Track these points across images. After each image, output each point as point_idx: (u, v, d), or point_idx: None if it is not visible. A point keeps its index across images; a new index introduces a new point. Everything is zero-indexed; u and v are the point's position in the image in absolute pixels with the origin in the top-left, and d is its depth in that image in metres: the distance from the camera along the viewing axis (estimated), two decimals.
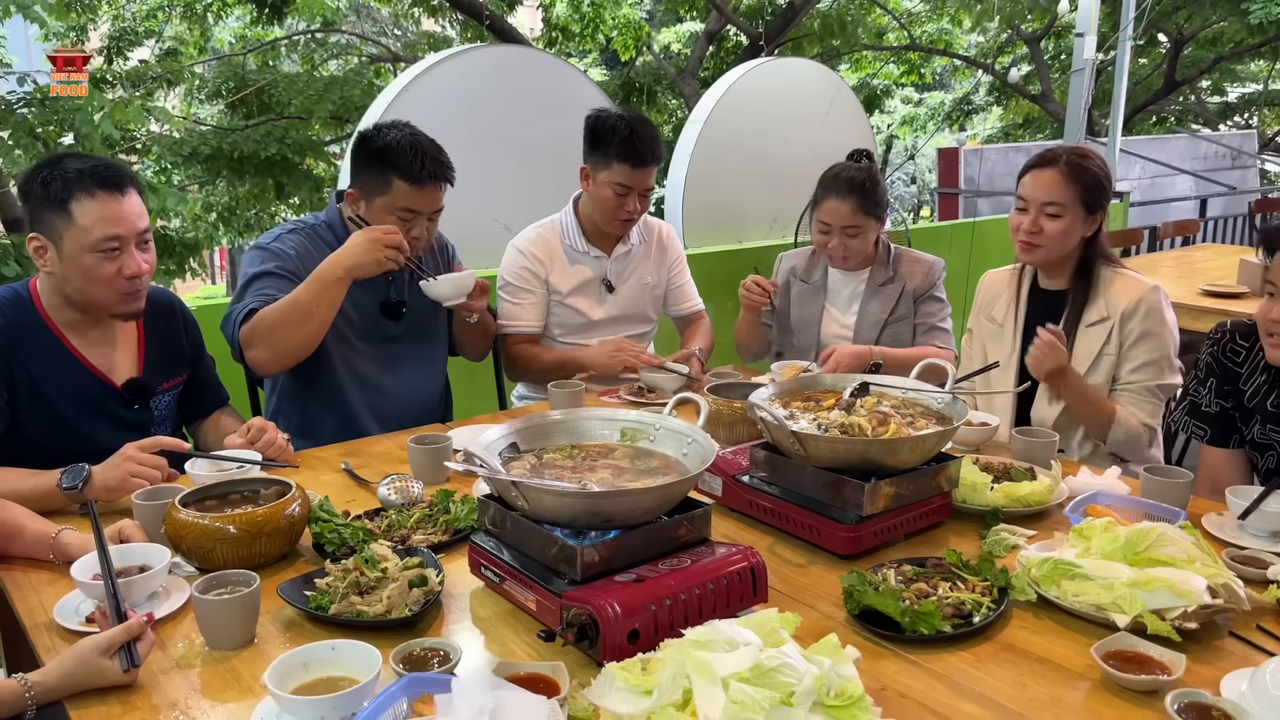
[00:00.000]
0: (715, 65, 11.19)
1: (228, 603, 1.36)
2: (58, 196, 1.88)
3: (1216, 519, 1.78)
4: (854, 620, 1.44)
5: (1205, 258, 5.25)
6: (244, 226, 10.41)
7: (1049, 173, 2.28)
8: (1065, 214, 2.27)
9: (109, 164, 1.95)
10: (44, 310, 1.99)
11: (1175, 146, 11.71)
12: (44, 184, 1.90)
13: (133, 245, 1.94)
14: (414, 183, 2.29)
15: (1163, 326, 2.28)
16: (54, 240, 1.91)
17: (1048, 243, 2.29)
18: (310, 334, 2.21)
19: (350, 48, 11.36)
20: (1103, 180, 2.29)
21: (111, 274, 1.92)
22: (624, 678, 1.14)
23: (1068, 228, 2.28)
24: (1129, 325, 2.28)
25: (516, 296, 2.78)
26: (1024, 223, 2.30)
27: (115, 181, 1.92)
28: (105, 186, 1.90)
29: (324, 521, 1.65)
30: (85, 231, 1.89)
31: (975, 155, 10.22)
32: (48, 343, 1.98)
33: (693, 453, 1.55)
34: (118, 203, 1.91)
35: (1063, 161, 2.27)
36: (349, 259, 2.18)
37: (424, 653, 1.29)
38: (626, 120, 2.65)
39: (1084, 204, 2.27)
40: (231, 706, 1.24)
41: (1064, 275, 2.37)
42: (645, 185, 2.68)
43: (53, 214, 1.90)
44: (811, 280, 2.83)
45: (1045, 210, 2.28)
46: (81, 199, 1.89)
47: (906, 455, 1.66)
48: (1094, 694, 1.27)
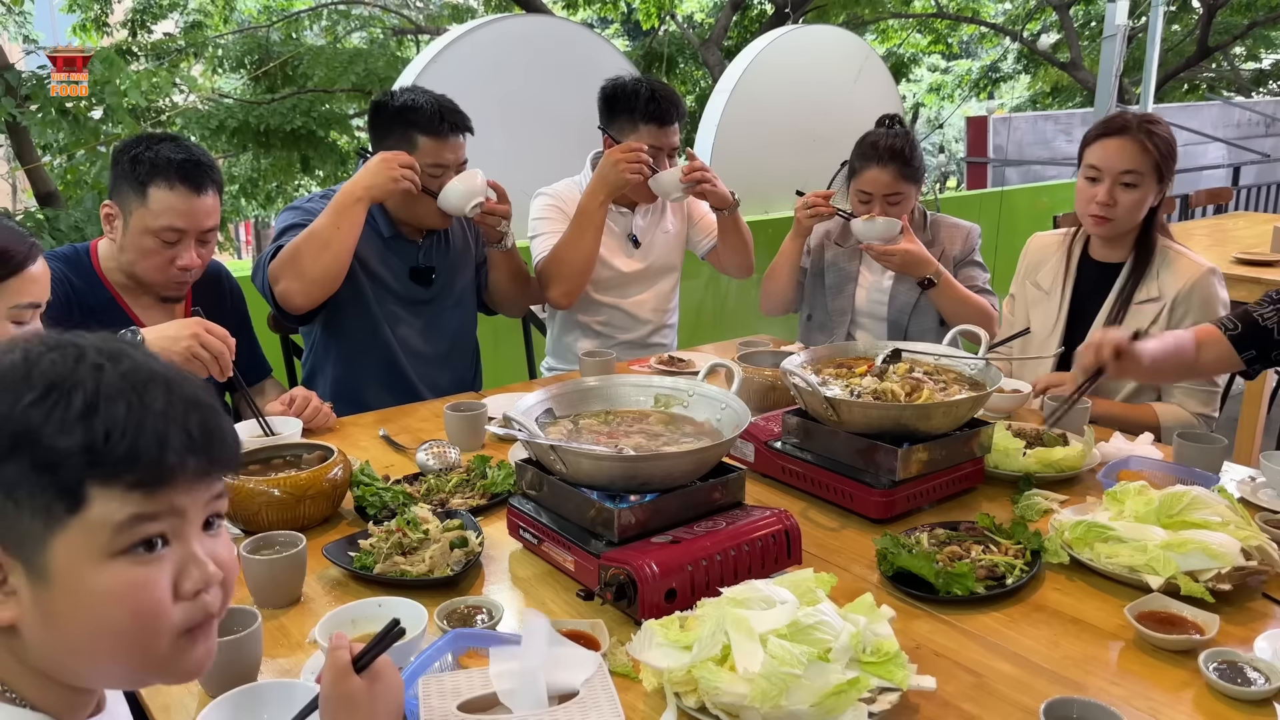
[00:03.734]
0: (739, 34, 11.09)
1: (275, 562, 1.40)
2: (140, 178, 1.96)
3: (1250, 483, 1.78)
4: (887, 582, 1.45)
5: (1238, 226, 5.18)
6: (266, 200, 10.49)
7: (1124, 141, 2.19)
8: (1142, 183, 2.19)
9: (198, 161, 2.00)
10: (102, 271, 2.07)
11: (1208, 114, 11.52)
12: (133, 161, 1.97)
13: (193, 240, 2.03)
14: (437, 136, 2.33)
15: (1216, 313, 2.20)
16: (124, 213, 2.00)
17: (1122, 215, 2.21)
18: (332, 261, 2.22)
19: (373, 19, 11.34)
20: (1174, 149, 2.22)
21: (165, 261, 2.01)
22: (663, 633, 1.17)
23: (1143, 198, 2.21)
24: (1180, 310, 2.21)
25: (545, 227, 2.76)
26: (1098, 193, 2.21)
27: (197, 181, 1.99)
28: (186, 182, 1.97)
29: (365, 485, 1.69)
30: (153, 216, 1.97)
31: (1004, 124, 10.11)
32: (103, 300, 2.06)
33: (726, 418, 1.57)
34: (193, 199, 1.99)
35: (1136, 128, 2.19)
36: (365, 179, 2.23)
37: (468, 610, 1.33)
38: (645, 83, 2.67)
39: (1157, 174, 2.19)
40: (282, 661, 1.28)
41: (1121, 248, 2.31)
42: (672, 144, 2.69)
43: (130, 190, 1.98)
44: (847, 244, 2.81)
45: (1122, 180, 2.19)
46: (160, 186, 1.96)
47: (939, 420, 1.67)
48: (1127, 653, 1.28)
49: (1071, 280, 2.38)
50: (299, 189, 10.62)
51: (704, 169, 2.64)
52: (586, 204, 2.57)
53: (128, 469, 0.72)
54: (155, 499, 0.74)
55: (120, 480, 0.72)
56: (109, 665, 0.77)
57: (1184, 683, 1.22)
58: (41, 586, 0.73)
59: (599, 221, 2.59)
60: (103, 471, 0.71)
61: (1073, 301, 2.37)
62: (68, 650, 0.75)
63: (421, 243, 2.49)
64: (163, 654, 0.76)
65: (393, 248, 2.44)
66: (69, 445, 0.70)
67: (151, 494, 0.73)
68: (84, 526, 0.72)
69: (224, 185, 2.08)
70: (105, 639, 0.74)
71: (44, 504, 0.71)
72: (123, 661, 0.76)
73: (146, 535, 0.74)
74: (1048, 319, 2.40)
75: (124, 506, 0.72)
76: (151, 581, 0.74)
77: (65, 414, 0.71)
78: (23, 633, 0.74)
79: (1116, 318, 2.26)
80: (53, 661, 0.76)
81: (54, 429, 0.71)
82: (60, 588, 0.73)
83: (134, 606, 0.74)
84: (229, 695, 1.13)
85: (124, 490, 0.72)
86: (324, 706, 0.96)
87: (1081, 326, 2.33)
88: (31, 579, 0.73)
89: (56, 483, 0.71)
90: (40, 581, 0.73)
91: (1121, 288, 2.28)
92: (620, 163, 2.52)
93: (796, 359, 1.88)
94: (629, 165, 2.52)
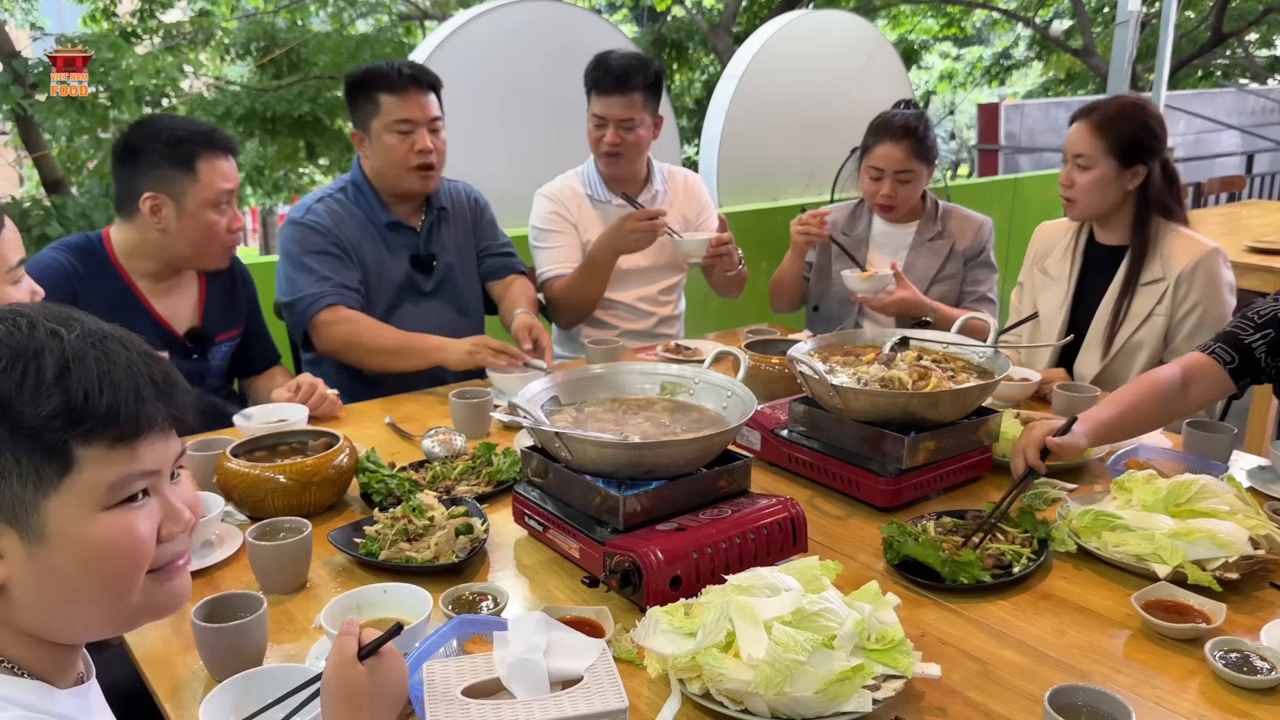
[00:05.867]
0: (748, 20, 11.02)
1: (281, 548, 1.40)
2: (185, 155, 1.99)
3: (1260, 472, 1.77)
4: (893, 570, 1.45)
5: (1251, 214, 5.14)
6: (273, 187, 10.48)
7: (1081, 125, 2.26)
8: (1094, 166, 2.23)
9: (213, 128, 2.08)
10: (116, 259, 2.07)
11: (1222, 101, 11.41)
12: (170, 143, 1.99)
13: (233, 203, 2.08)
14: (396, 90, 2.36)
15: (1219, 292, 2.22)
16: (175, 197, 2.01)
17: (1079, 196, 2.27)
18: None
19: (380, 5, 11.30)
20: (1140, 132, 2.22)
21: (223, 230, 2.07)
22: (668, 620, 1.17)
23: (1098, 180, 2.24)
24: (1184, 289, 2.21)
25: (548, 241, 2.77)
26: (1061, 175, 2.31)
27: (226, 144, 2.06)
28: (223, 149, 2.04)
29: (371, 472, 1.69)
30: (208, 188, 2.02)
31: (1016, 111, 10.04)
32: (117, 288, 2.06)
33: (732, 406, 1.56)
34: (230, 162, 2.07)
35: (1095, 114, 2.25)
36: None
37: (472, 596, 1.33)
38: (604, 54, 2.65)
39: (1115, 155, 2.22)
40: (288, 647, 1.28)
41: (1119, 230, 2.32)
42: (619, 115, 2.64)
43: (176, 171, 2.00)
44: (854, 233, 2.80)
45: (1076, 163, 2.26)
46: (207, 158, 2.01)
47: (947, 409, 1.66)
48: (1133, 642, 1.28)
49: (1078, 265, 2.39)
50: (305, 178, 10.61)
51: (729, 242, 2.63)
52: (596, 257, 2.59)
53: (109, 423, 0.76)
54: (136, 454, 0.78)
55: (103, 436, 0.76)
56: (100, 610, 0.81)
57: (1190, 671, 1.21)
58: (37, 545, 0.76)
59: (608, 272, 2.64)
60: (84, 429, 0.75)
61: (1079, 285, 2.37)
62: (62, 599, 0.79)
63: (421, 230, 2.49)
64: (139, 593, 0.81)
65: (393, 236, 2.44)
66: (48, 409, 0.73)
67: (132, 447, 0.78)
68: (76, 488, 0.76)
69: None
70: (96, 583, 0.79)
71: (32, 469, 0.74)
72: (110, 604, 0.81)
73: (133, 491, 0.79)
74: (1054, 304, 2.40)
75: (111, 465, 0.77)
76: (140, 526, 0.80)
77: (39, 380, 0.74)
78: (12, 592, 0.78)
79: (1123, 300, 2.27)
80: (43, 617, 0.80)
81: (29, 396, 0.73)
82: (56, 543, 0.77)
83: (128, 549, 0.79)
84: (234, 679, 1.14)
85: (108, 445, 0.76)
86: (324, 690, 0.98)
87: (1088, 310, 2.34)
88: (26, 539, 0.76)
89: (41, 447, 0.74)
90: (36, 541, 0.76)
91: (1127, 270, 2.28)
92: (635, 232, 2.51)
93: (803, 346, 1.87)
94: (644, 236, 2.52)
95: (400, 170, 2.39)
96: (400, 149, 2.36)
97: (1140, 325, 2.26)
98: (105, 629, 0.85)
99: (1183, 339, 2.23)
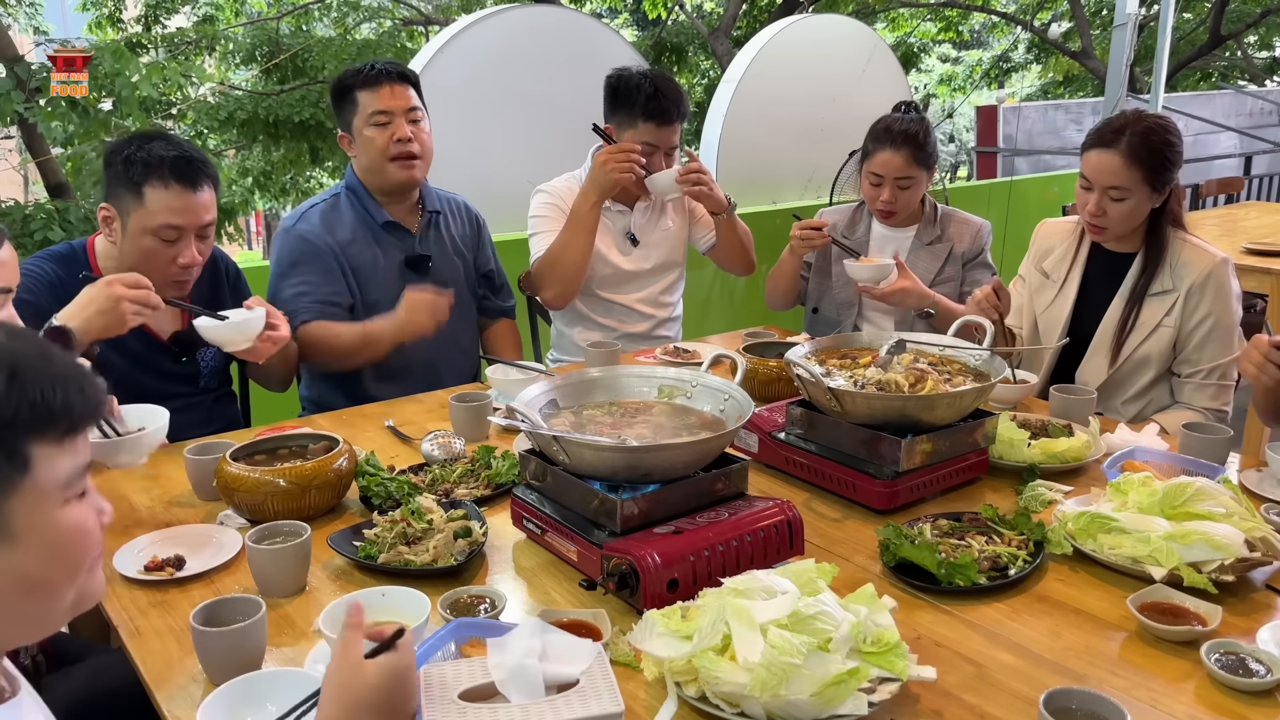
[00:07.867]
0: (748, 24, 11.04)
1: (280, 551, 1.40)
2: (135, 178, 1.96)
3: (1255, 475, 1.78)
4: (890, 572, 1.46)
5: (1249, 215, 5.14)
6: (280, 191, 10.51)
7: (1111, 155, 2.15)
8: (1130, 196, 2.17)
9: (190, 158, 2.00)
10: (99, 270, 2.05)
11: (1220, 103, 11.42)
12: (126, 162, 1.97)
13: (192, 236, 2.02)
14: (371, 85, 2.38)
15: (1229, 303, 2.20)
16: (121, 215, 2.00)
17: (1113, 225, 2.21)
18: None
19: (383, 10, 11.33)
20: (1168, 154, 2.17)
21: (166, 260, 2.01)
22: (665, 623, 1.18)
23: (1133, 209, 2.19)
24: (1194, 301, 2.19)
25: (543, 226, 2.75)
26: (1089, 204, 2.20)
27: (191, 178, 1.99)
28: (181, 180, 1.97)
29: (370, 475, 1.69)
30: (151, 215, 1.97)
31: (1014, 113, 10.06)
32: None
33: (730, 409, 1.57)
34: (189, 196, 1.99)
35: (1124, 143, 2.14)
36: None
37: (470, 599, 1.33)
38: (650, 78, 2.63)
39: (1149, 184, 2.16)
40: (286, 650, 1.29)
41: (1131, 240, 2.29)
42: (671, 143, 2.66)
43: (126, 191, 1.98)
44: (853, 236, 2.81)
45: (1109, 194, 2.18)
46: (155, 186, 1.97)
47: (943, 411, 1.66)
48: (1129, 644, 1.28)
49: (1080, 270, 2.37)
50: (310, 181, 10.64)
51: (701, 171, 2.62)
52: (579, 206, 2.58)
53: (63, 418, 0.80)
54: (77, 448, 0.82)
55: (53, 431, 0.80)
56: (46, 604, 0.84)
57: (1186, 674, 1.22)
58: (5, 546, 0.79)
59: (592, 224, 2.59)
60: (39, 427, 0.78)
61: (1081, 291, 2.36)
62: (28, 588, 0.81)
63: (417, 231, 2.50)
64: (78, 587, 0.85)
65: (388, 236, 2.45)
66: (9, 414, 0.76)
67: (75, 441, 0.82)
68: (34, 487, 0.79)
69: (219, 180, 2.07)
70: (59, 575, 0.83)
71: None
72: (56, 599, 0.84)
73: (84, 484, 0.84)
74: (1055, 308, 2.39)
75: (61, 460, 0.80)
76: (91, 517, 0.85)
77: None
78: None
79: (1130, 310, 2.25)
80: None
81: None
82: (26, 539, 0.80)
83: (87, 537, 0.84)
84: (233, 683, 1.14)
85: (57, 440, 0.80)
86: (325, 682, 0.98)
87: (1090, 317, 2.32)
88: None
89: (3, 451, 0.77)
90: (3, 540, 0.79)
91: (1135, 280, 2.26)
92: (609, 163, 2.51)
93: (800, 349, 1.87)
94: (618, 165, 2.51)
95: (382, 161, 2.40)
96: (380, 140, 2.38)
97: (1148, 336, 2.23)
98: (34, 631, 0.86)
99: (1192, 349, 2.22)
